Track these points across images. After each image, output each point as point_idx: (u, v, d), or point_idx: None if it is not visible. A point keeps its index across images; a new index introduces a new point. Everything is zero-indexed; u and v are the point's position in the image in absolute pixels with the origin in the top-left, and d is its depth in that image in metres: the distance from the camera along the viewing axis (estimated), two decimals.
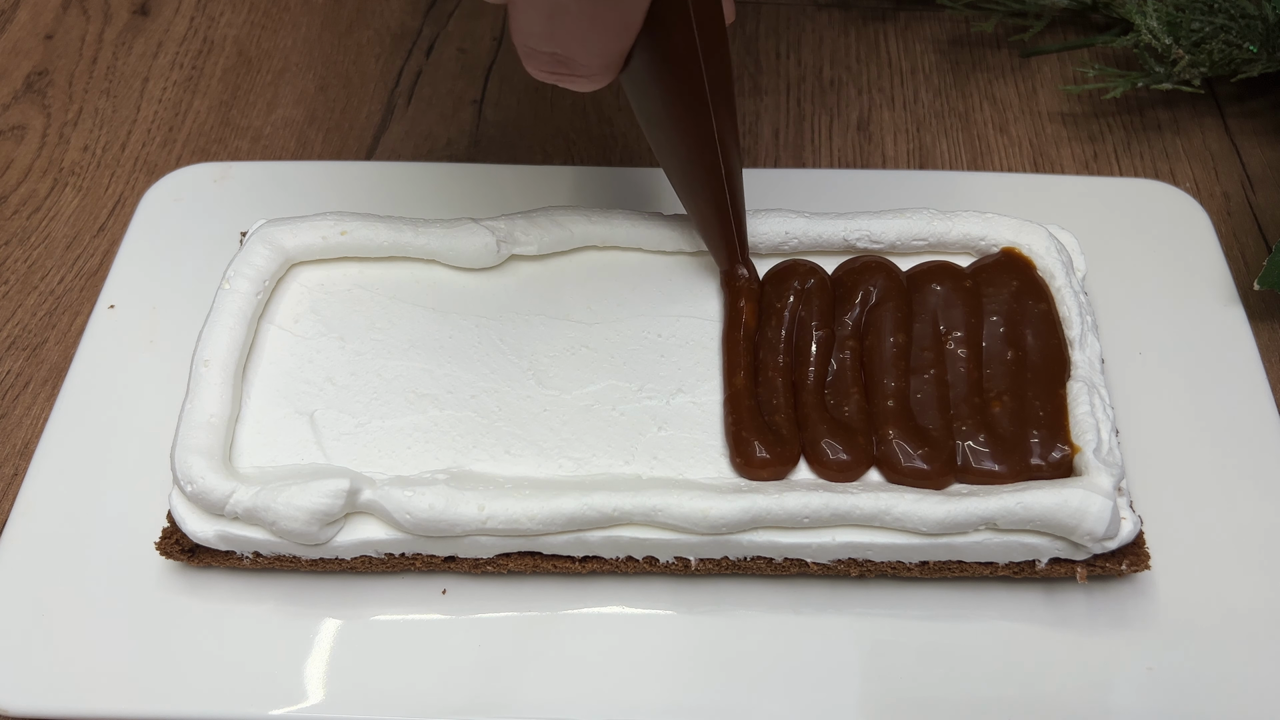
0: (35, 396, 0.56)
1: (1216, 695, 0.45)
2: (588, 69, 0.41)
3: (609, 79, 0.42)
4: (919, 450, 0.46)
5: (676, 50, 0.41)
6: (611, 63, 0.41)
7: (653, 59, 0.41)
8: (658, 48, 0.41)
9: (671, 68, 0.41)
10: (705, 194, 0.47)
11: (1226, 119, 0.68)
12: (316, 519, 0.44)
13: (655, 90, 0.43)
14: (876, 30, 0.74)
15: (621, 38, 0.40)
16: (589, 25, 0.38)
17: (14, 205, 0.64)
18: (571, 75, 0.41)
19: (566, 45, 0.39)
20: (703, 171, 0.45)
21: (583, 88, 0.42)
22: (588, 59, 0.40)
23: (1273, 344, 0.57)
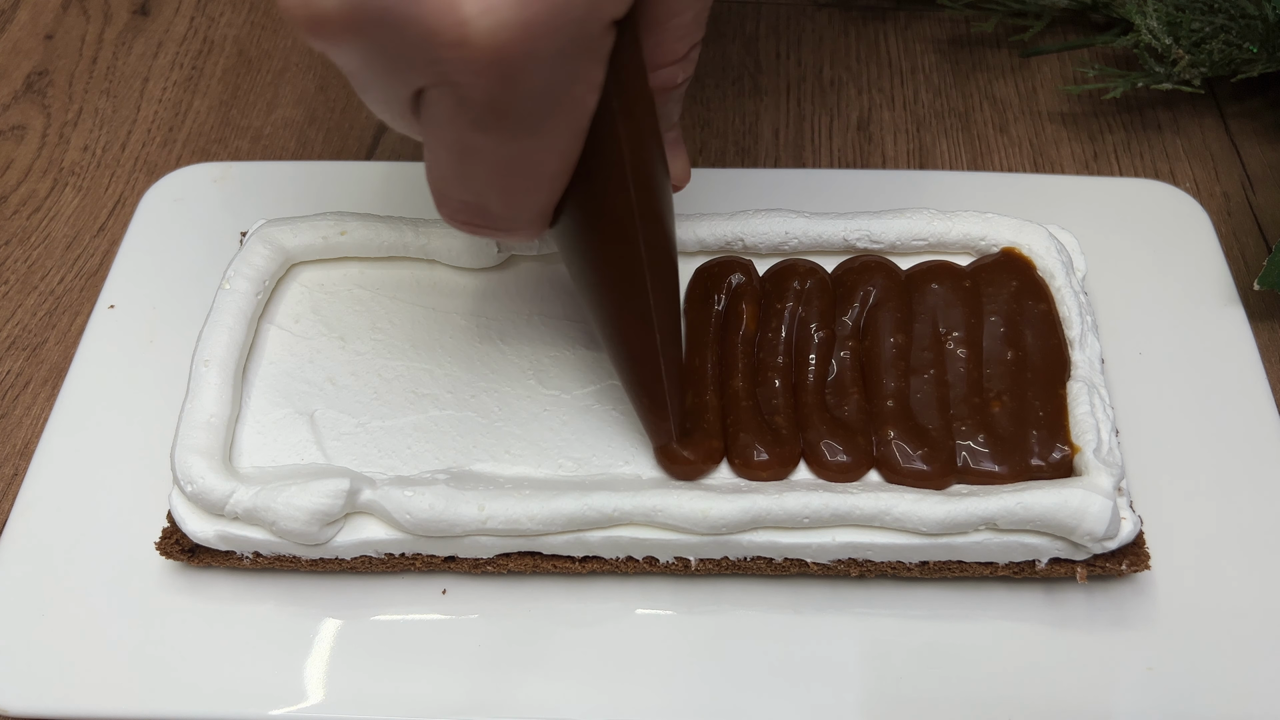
0: (35, 396, 0.56)
1: (1216, 695, 0.45)
2: (505, 222, 0.36)
3: (534, 235, 0.38)
4: (919, 451, 0.46)
5: (609, 214, 0.36)
6: (532, 218, 0.37)
7: (582, 220, 0.37)
8: (588, 208, 0.36)
9: (602, 233, 0.37)
10: (638, 370, 0.43)
11: (1226, 119, 0.68)
12: (316, 519, 0.44)
13: (585, 254, 0.39)
14: (876, 30, 0.74)
15: (541, 191, 0.35)
16: (503, 173, 0.34)
17: (14, 205, 0.64)
18: (487, 227, 0.37)
19: (480, 194, 0.35)
20: (636, 347, 0.41)
21: (503, 239, 0.38)
22: (504, 210, 0.36)
23: (1273, 344, 0.57)
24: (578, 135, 0.34)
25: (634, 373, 0.43)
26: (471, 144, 0.33)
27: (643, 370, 0.43)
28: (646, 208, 0.37)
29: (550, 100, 0.31)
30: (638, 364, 0.43)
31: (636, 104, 0.35)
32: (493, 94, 0.30)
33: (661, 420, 0.45)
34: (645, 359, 0.42)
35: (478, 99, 0.30)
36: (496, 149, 0.33)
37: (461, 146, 0.33)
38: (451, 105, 0.31)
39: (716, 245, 0.53)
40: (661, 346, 0.42)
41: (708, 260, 0.52)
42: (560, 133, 0.33)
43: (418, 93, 0.31)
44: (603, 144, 0.34)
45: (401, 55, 0.29)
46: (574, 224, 0.37)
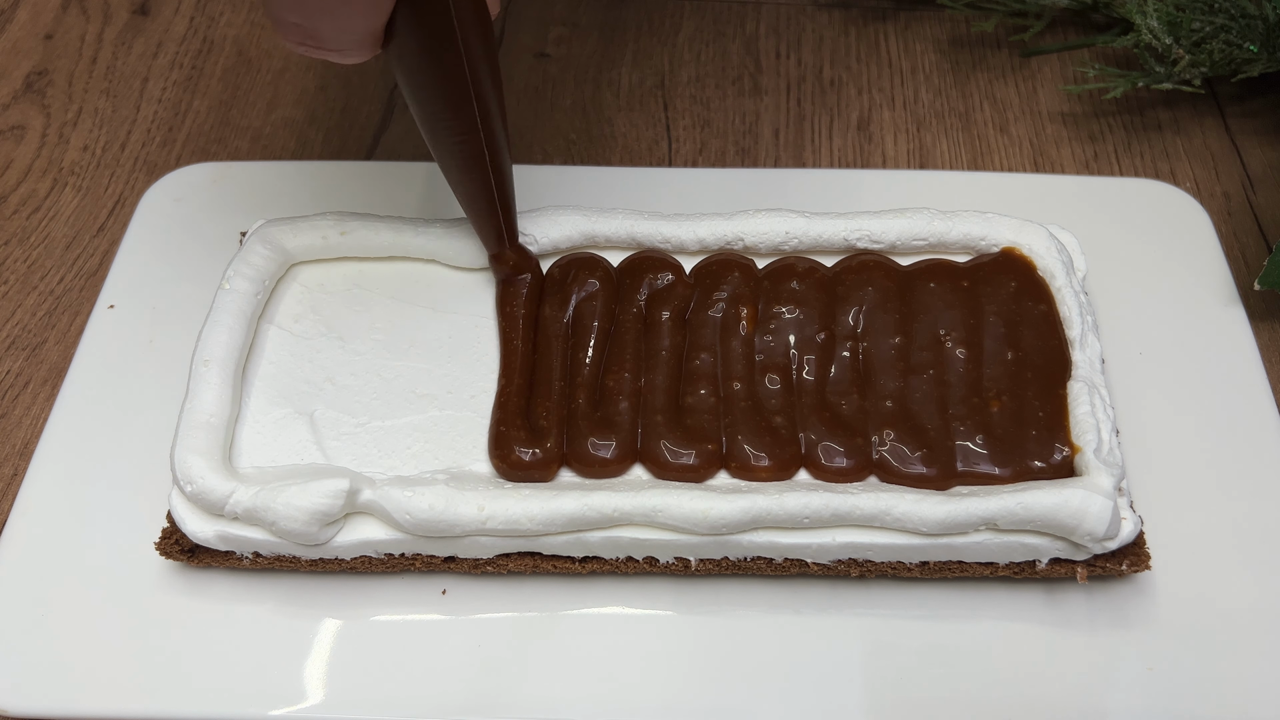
0: (35, 396, 0.56)
1: (1216, 695, 0.45)
2: (338, 43, 0.40)
3: (365, 55, 0.41)
4: (918, 452, 0.46)
5: (434, 30, 0.40)
6: (364, 40, 0.40)
7: (411, 39, 0.40)
8: (415, 27, 0.40)
9: (430, 48, 0.41)
10: (470, 177, 0.46)
11: (1227, 119, 0.68)
12: (316, 519, 0.44)
13: (416, 71, 0.42)
14: (876, 30, 0.74)
15: (370, 15, 0.39)
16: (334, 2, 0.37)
17: (14, 205, 0.64)
18: (322, 49, 0.40)
19: (313, 17, 0.38)
20: (466, 155, 0.45)
21: (338, 60, 0.41)
22: (336, 33, 0.39)
23: (1273, 344, 0.57)
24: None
25: (465, 181, 0.46)
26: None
27: (472, 178, 0.46)
28: (467, 24, 0.41)
29: None
30: (467, 173, 0.46)
31: None
32: None
33: (492, 223, 0.48)
34: (474, 167, 0.45)
35: None
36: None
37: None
38: None
39: (716, 245, 0.53)
40: (489, 155, 0.45)
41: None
42: None
43: None
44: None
45: None
46: (402, 44, 0.41)
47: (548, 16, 0.75)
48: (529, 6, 0.76)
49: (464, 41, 0.41)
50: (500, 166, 0.46)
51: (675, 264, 0.52)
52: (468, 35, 0.41)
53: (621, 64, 0.72)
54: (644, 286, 0.51)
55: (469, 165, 0.45)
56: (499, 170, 0.46)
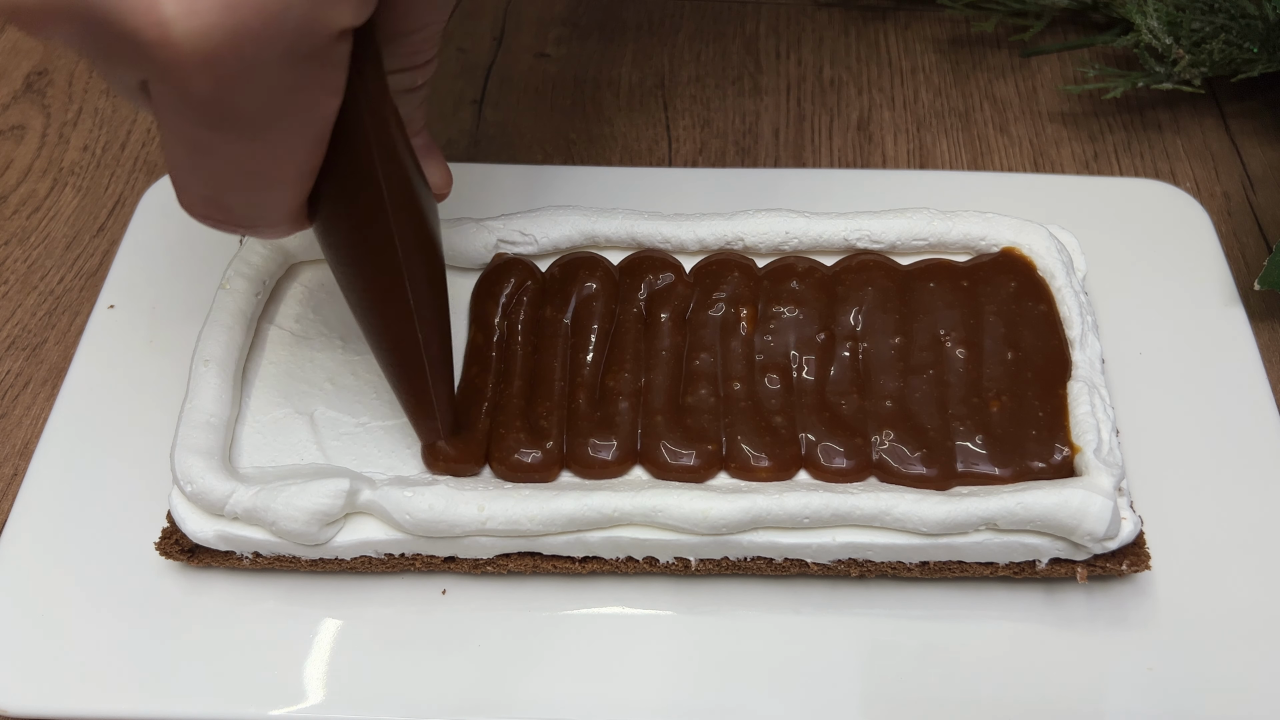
0: (35, 396, 0.56)
1: (1216, 695, 0.45)
2: (249, 220, 0.36)
3: (284, 233, 0.38)
4: (918, 453, 0.46)
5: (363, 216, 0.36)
6: (279, 217, 0.36)
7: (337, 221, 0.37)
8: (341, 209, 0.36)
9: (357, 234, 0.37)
10: (401, 370, 0.43)
11: (1226, 119, 0.68)
12: (316, 519, 0.44)
13: (342, 254, 0.38)
14: (876, 30, 0.74)
15: (284, 191, 0.35)
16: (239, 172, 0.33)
17: (14, 205, 0.64)
18: (232, 224, 0.36)
19: (219, 190, 0.34)
20: (398, 348, 0.41)
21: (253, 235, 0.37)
22: (246, 208, 0.35)
23: (1273, 344, 0.57)
24: (317, 138, 0.33)
25: (398, 373, 0.43)
26: (201, 140, 0.32)
27: (405, 370, 0.43)
28: (401, 208, 0.37)
29: (277, 104, 0.31)
30: (401, 365, 0.42)
31: (383, 107, 0.35)
32: (211, 95, 0.29)
33: (428, 418, 0.45)
34: (408, 359, 0.42)
35: (197, 98, 0.29)
36: (228, 147, 0.32)
37: (192, 141, 0.32)
38: (174, 100, 0.30)
39: (716, 245, 0.53)
40: (424, 345, 0.41)
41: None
42: (295, 135, 0.33)
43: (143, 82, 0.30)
44: (351, 146, 0.34)
45: (111, 49, 0.29)
46: (329, 224, 0.37)
47: (548, 16, 0.75)
48: (529, 6, 0.76)
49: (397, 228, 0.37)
50: (436, 355, 0.43)
51: (675, 264, 0.52)
52: (401, 220, 0.37)
53: (621, 64, 0.72)
54: (644, 286, 0.51)
55: (400, 358, 0.42)
56: (435, 364, 0.43)
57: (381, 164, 0.35)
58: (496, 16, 0.75)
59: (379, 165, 0.35)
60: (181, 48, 0.28)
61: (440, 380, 0.44)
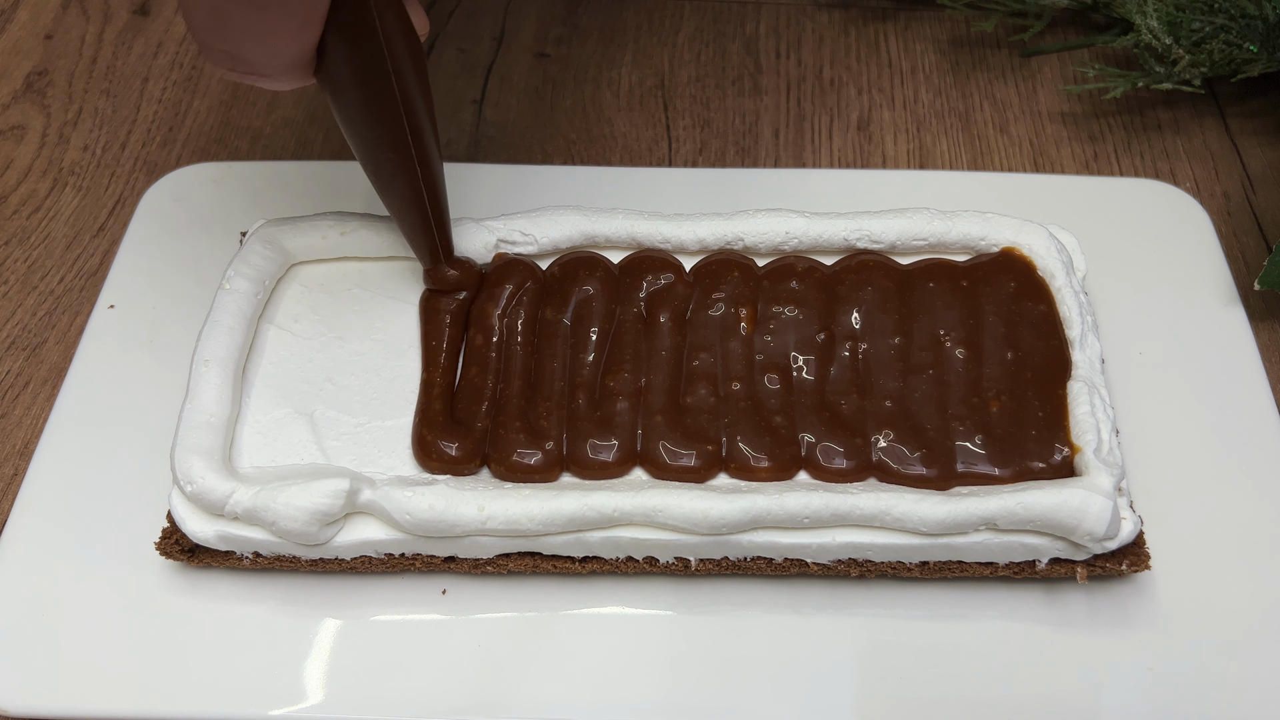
0: (35, 396, 0.56)
1: (1216, 695, 0.45)
2: (266, 68, 0.39)
3: (296, 82, 0.41)
4: (917, 453, 0.46)
5: (362, 50, 0.40)
6: (292, 65, 0.40)
7: (340, 61, 0.41)
8: (342, 48, 0.40)
9: (359, 69, 0.41)
10: (403, 194, 0.46)
11: (1226, 119, 0.68)
12: (316, 519, 0.44)
13: (346, 93, 0.42)
14: (876, 30, 0.74)
15: (295, 39, 0.39)
16: (255, 23, 0.37)
17: (14, 205, 0.64)
18: (252, 74, 0.40)
19: (238, 44, 0.38)
20: (399, 172, 0.45)
21: (269, 86, 0.41)
22: (264, 59, 0.39)
23: (1273, 344, 0.57)
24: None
25: (398, 198, 0.47)
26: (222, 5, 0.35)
27: (406, 197, 0.47)
28: (395, 44, 0.41)
29: None
30: (400, 190, 0.46)
31: None
32: None
33: (426, 240, 0.49)
34: (407, 185, 0.46)
35: None
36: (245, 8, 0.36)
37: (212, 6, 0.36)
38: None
39: (716, 245, 0.53)
40: (421, 171, 0.45)
41: None
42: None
43: None
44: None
45: None
46: (332, 67, 0.41)
47: (548, 16, 0.75)
48: (529, 6, 0.76)
49: (393, 61, 0.41)
50: (433, 182, 0.46)
51: (675, 264, 0.52)
52: (396, 55, 0.41)
53: (621, 64, 0.72)
54: (644, 286, 0.51)
55: (401, 182, 0.46)
56: (432, 187, 0.46)
57: (378, 8, 0.40)
58: (496, 16, 0.75)
59: (375, 9, 0.39)
60: None
61: (437, 203, 0.47)
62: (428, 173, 0.46)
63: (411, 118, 0.43)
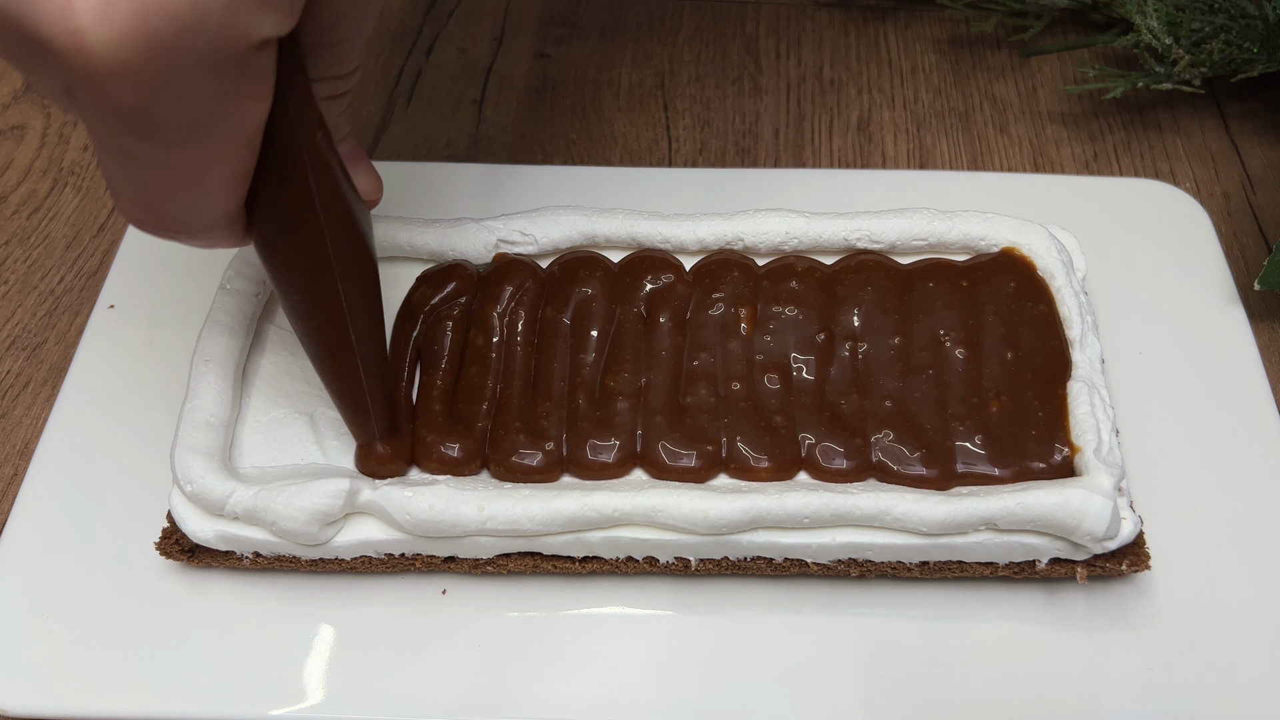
0: (35, 396, 0.56)
1: (1216, 695, 0.45)
2: (187, 227, 0.36)
3: (226, 243, 0.38)
4: (917, 453, 0.46)
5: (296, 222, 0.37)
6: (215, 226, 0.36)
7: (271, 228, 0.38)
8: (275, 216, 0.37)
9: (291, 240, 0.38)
10: (336, 373, 0.43)
11: (1226, 119, 0.68)
12: (316, 519, 0.44)
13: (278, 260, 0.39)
14: (876, 30, 0.74)
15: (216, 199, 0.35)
16: (169, 179, 0.33)
17: (14, 205, 0.64)
18: (172, 232, 0.36)
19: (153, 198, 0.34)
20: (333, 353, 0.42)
21: (196, 245, 0.38)
22: (182, 216, 0.35)
23: (1273, 344, 0.57)
24: (246, 144, 0.33)
25: (333, 376, 0.44)
26: (129, 147, 0.32)
27: (340, 373, 0.43)
28: (331, 210, 0.38)
29: (202, 111, 0.31)
30: (336, 369, 0.43)
31: (309, 112, 0.35)
32: (133, 102, 0.29)
33: (363, 419, 0.45)
34: (343, 362, 0.43)
35: (119, 105, 0.29)
36: (155, 154, 0.32)
37: (120, 148, 0.32)
38: (97, 107, 0.30)
39: (716, 245, 0.53)
40: (359, 350, 0.42)
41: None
42: (223, 141, 0.33)
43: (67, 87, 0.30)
44: (281, 151, 0.35)
45: (28, 56, 0.28)
46: (264, 230, 0.38)
47: (548, 16, 0.75)
48: (529, 6, 0.76)
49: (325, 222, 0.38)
50: (370, 357, 0.43)
51: (675, 264, 0.52)
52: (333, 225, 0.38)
53: (621, 64, 0.72)
54: (644, 286, 0.51)
55: (335, 362, 0.43)
56: (369, 360, 0.43)
57: (312, 167, 0.36)
58: (496, 16, 0.75)
59: (309, 169, 0.36)
60: (96, 56, 0.27)
61: (375, 382, 0.44)
62: (365, 346, 0.43)
63: (349, 289, 0.40)
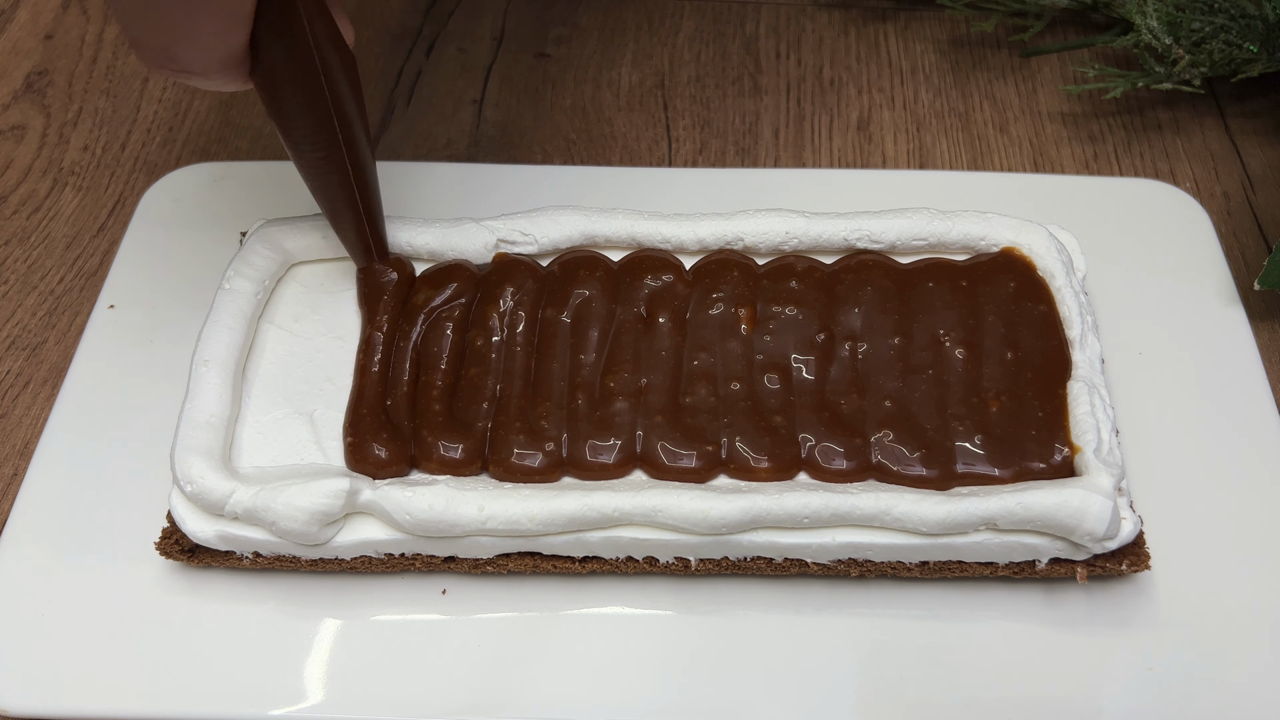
0: (35, 396, 0.56)
1: (1216, 695, 0.45)
2: (199, 66, 0.39)
3: (232, 82, 0.41)
4: (916, 453, 0.46)
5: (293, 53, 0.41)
6: (223, 64, 0.40)
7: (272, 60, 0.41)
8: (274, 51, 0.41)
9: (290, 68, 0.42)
10: (334, 194, 0.47)
11: (1226, 119, 0.68)
12: (316, 519, 0.44)
13: (278, 90, 0.43)
14: (876, 30, 0.74)
15: (224, 36, 0.38)
16: (182, 18, 0.37)
17: (14, 205, 0.64)
18: (185, 72, 0.40)
19: (168, 41, 0.38)
20: (330, 169, 0.46)
21: (206, 86, 0.41)
22: (195, 57, 0.39)
23: (1273, 344, 0.57)
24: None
25: (329, 198, 0.48)
26: None
27: (336, 195, 0.47)
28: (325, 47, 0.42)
29: None
30: (332, 192, 0.47)
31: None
32: None
33: (360, 238, 0.50)
34: (339, 185, 0.47)
35: None
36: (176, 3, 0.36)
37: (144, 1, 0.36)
38: None
39: (716, 245, 0.53)
40: (352, 169, 0.46)
41: None
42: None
43: None
44: None
45: None
46: (266, 69, 0.42)
47: (548, 16, 0.75)
48: (529, 6, 0.76)
49: (321, 59, 0.42)
50: (364, 181, 0.47)
51: (675, 264, 0.52)
52: (325, 54, 0.42)
53: (621, 64, 0.72)
54: (644, 286, 0.51)
55: (333, 181, 0.47)
56: (363, 185, 0.47)
57: (304, 7, 0.40)
58: (496, 16, 0.75)
59: (301, 8, 0.40)
60: None
61: (370, 206, 0.48)
62: (359, 172, 0.47)
63: (342, 116, 0.44)
